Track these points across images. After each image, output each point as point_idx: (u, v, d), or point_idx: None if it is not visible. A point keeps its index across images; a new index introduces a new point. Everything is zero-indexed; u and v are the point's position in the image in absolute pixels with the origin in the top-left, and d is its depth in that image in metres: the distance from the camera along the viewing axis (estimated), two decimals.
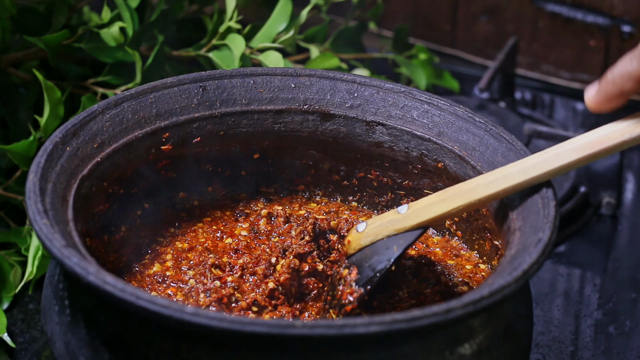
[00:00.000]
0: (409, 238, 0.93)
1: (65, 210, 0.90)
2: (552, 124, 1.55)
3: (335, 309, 0.93)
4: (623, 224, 1.39)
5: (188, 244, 1.03)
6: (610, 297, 1.26)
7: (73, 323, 0.87)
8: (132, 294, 0.79)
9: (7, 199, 1.24)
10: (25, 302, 1.19)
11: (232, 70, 1.07)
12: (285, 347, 0.79)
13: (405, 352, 0.82)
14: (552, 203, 0.91)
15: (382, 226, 0.94)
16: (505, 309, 0.89)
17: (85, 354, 0.86)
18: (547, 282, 1.29)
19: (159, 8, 1.30)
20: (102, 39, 1.26)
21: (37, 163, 0.91)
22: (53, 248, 0.83)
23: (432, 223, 0.93)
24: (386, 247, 0.94)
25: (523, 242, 0.89)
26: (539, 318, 1.22)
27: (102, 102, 1.01)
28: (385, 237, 0.94)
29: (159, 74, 1.25)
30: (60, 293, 0.90)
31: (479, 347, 0.85)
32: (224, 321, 0.77)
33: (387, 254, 0.93)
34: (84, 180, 0.95)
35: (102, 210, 1.01)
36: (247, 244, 1.02)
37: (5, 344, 1.14)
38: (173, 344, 0.81)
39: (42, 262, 1.16)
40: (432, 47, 1.70)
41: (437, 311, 0.79)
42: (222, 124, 1.06)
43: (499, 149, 0.99)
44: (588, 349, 1.18)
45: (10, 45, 1.32)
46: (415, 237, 0.93)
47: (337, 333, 0.77)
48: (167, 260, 1.01)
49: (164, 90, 1.04)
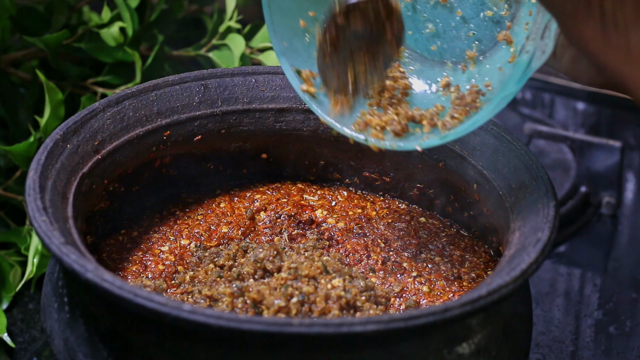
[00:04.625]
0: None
1: (65, 207, 0.90)
2: (552, 124, 1.55)
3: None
4: (623, 224, 1.39)
5: (188, 240, 1.03)
6: (611, 297, 1.26)
7: (72, 320, 0.87)
8: (130, 291, 0.79)
9: (7, 199, 1.24)
10: (25, 302, 1.19)
11: (233, 69, 1.07)
12: (282, 345, 0.79)
13: (403, 351, 0.82)
14: (552, 203, 0.91)
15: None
16: (504, 308, 0.88)
17: (83, 351, 0.86)
18: (548, 282, 1.29)
19: (159, 8, 1.30)
20: (102, 39, 1.26)
21: (38, 160, 0.91)
22: (52, 245, 0.83)
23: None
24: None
25: (522, 241, 0.89)
26: (539, 318, 1.22)
27: (103, 100, 1.01)
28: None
29: (159, 74, 1.26)
30: (59, 290, 0.90)
31: (477, 347, 0.85)
32: (221, 319, 0.77)
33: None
34: (84, 177, 0.95)
35: (102, 208, 1.01)
36: (244, 232, 1.03)
37: (5, 344, 1.14)
38: (171, 341, 0.81)
39: (42, 261, 1.16)
40: None
41: (434, 310, 0.79)
42: (223, 122, 1.06)
43: (499, 149, 0.99)
44: (588, 349, 1.18)
45: (10, 45, 1.32)
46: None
47: (335, 332, 0.77)
48: (168, 258, 1.01)
49: (166, 88, 1.04)
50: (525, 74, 0.86)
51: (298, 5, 0.98)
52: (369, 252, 1.02)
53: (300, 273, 0.91)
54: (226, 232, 1.04)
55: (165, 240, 1.03)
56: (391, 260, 1.01)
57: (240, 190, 1.10)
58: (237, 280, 0.94)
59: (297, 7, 0.98)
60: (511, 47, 0.93)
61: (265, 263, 0.94)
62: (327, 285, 0.91)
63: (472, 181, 1.02)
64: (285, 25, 0.97)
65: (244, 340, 0.80)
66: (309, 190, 1.11)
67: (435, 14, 1.00)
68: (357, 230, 1.05)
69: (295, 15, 0.98)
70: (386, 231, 1.05)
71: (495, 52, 0.96)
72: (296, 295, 0.89)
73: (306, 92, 0.97)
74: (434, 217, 1.08)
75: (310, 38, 0.98)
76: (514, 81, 0.87)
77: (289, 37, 0.97)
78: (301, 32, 0.98)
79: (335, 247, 1.03)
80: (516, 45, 0.93)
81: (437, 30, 0.99)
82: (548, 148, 1.49)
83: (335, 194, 1.11)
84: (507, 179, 0.97)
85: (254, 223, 1.05)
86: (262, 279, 0.94)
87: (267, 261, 0.94)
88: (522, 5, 0.94)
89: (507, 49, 0.94)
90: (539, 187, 0.93)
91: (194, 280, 0.96)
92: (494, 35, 0.96)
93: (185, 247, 1.02)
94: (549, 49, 0.85)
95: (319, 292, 0.89)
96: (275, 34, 0.97)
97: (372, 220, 1.06)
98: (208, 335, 0.80)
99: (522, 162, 0.97)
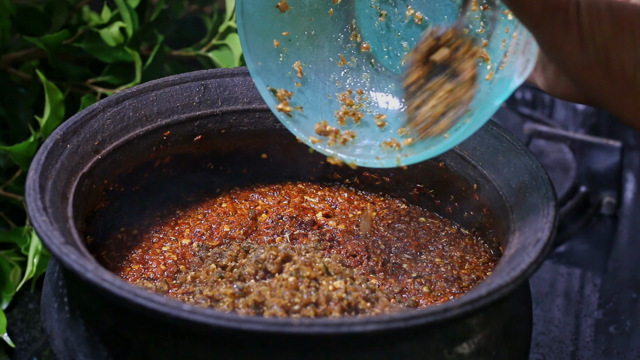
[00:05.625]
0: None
1: (65, 207, 0.90)
2: (552, 124, 1.55)
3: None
4: (623, 224, 1.39)
5: (189, 239, 1.03)
6: (611, 297, 1.26)
7: (72, 320, 0.87)
8: (130, 291, 0.79)
9: (7, 199, 1.24)
10: (25, 302, 1.19)
11: (233, 69, 1.07)
12: (282, 345, 0.79)
13: (403, 351, 0.82)
14: (552, 203, 0.91)
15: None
16: (504, 308, 0.88)
17: (83, 351, 0.86)
18: (548, 282, 1.29)
19: (159, 8, 1.30)
20: (102, 39, 1.26)
21: (38, 160, 0.91)
22: (52, 245, 0.83)
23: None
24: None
25: (522, 241, 0.89)
26: (539, 318, 1.22)
27: (103, 100, 1.01)
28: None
29: (159, 74, 1.26)
30: (59, 290, 0.90)
31: (477, 347, 0.85)
32: (221, 319, 0.77)
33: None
34: (84, 177, 0.95)
35: (102, 208, 1.01)
36: (246, 232, 1.03)
37: (5, 344, 1.14)
38: (171, 341, 0.81)
39: (42, 261, 1.16)
40: None
41: (434, 310, 0.79)
42: (223, 122, 1.06)
43: (499, 149, 0.99)
44: (588, 349, 1.18)
45: (10, 45, 1.32)
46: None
47: (335, 332, 0.77)
48: (170, 257, 1.01)
49: (165, 88, 1.04)
50: (506, 90, 0.86)
51: (272, 25, 0.99)
52: (369, 254, 1.02)
53: (302, 274, 0.91)
54: (228, 231, 1.04)
55: (166, 239, 1.03)
56: (391, 262, 1.01)
57: (241, 191, 1.10)
58: (238, 280, 0.94)
59: (271, 27, 0.99)
60: (487, 64, 0.94)
61: (267, 264, 0.94)
62: (328, 287, 0.91)
63: (472, 181, 1.02)
64: (260, 45, 0.98)
65: (244, 340, 0.80)
66: (309, 190, 1.11)
67: (409, 33, 1.00)
68: (357, 231, 1.05)
69: (270, 36, 0.99)
70: (386, 232, 1.05)
71: None
72: (297, 297, 0.89)
73: (282, 110, 0.98)
74: (434, 217, 1.08)
75: (284, 57, 0.99)
76: (495, 98, 0.87)
77: (263, 56, 0.99)
78: (275, 51, 0.99)
79: (336, 247, 1.03)
80: (492, 62, 0.93)
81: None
82: (548, 148, 1.49)
83: (335, 195, 1.11)
84: (507, 179, 0.97)
85: (256, 223, 1.05)
86: (263, 279, 0.94)
87: (269, 262, 0.94)
88: (498, 23, 0.94)
89: (483, 66, 0.94)
90: (539, 187, 0.93)
91: (195, 280, 0.96)
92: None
93: (186, 247, 1.02)
94: (530, 64, 0.85)
95: (320, 294, 0.89)
96: (249, 54, 0.98)
97: (372, 221, 1.06)
98: (208, 335, 0.80)
99: (522, 162, 0.97)
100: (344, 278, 0.92)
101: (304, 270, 0.92)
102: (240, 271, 0.95)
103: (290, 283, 0.91)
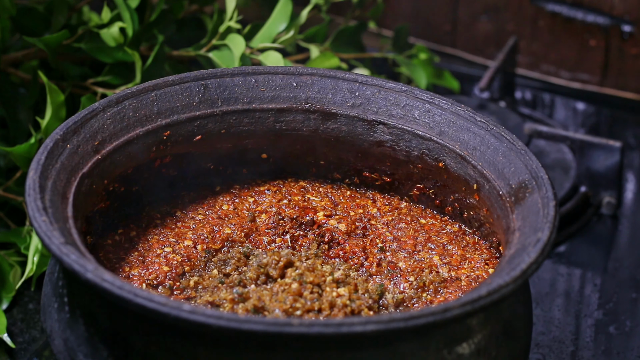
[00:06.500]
0: None
1: (65, 207, 0.90)
2: (552, 124, 1.55)
3: None
4: (623, 224, 1.39)
5: (191, 241, 1.03)
6: (611, 297, 1.26)
7: (72, 320, 0.87)
8: (130, 291, 0.79)
9: (6, 200, 1.24)
10: (25, 302, 1.19)
11: (233, 69, 1.07)
12: (282, 345, 0.79)
13: (403, 351, 0.82)
14: (552, 203, 0.91)
15: None
16: (504, 308, 0.88)
17: (83, 351, 0.86)
18: (548, 282, 1.29)
19: (159, 8, 1.30)
20: (102, 39, 1.26)
21: (38, 160, 0.91)
22: (52, 245, 0.83)
23: None
24: None
25: (522, 242, 0.89)
26: (539, 318, 1.22)
27: (103, 100, 1.01)
28: None
29: (159, 74, 1.25)
30: (59, 290, 0.90)
31: (477, 347, 0.85)
32: (221, 319, 0.77)
33: None
34: (84, 177, 0.95)
35: (102, 208, 1.01)
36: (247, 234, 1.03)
37: (5, 344, 1.14)
38: (171, 341, 0.81)
39: (42, 259, 1.16)
40: (432, 46, 1.70)
41: (434, 310, 0.79)
42: (223, 122, 1.06)
43: (499, 149, 0.99)
44: (588, 349, 1.18)
45: (10, 45, 1.32)
46: None
47: (335, 332, 0.77)
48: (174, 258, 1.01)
49: (165, 88, 1.04)
50: None
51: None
52: (368, 254, 1.02)
53: (305, 280, 0.91)
54: (229, 233, 1.04)
55: (166, 241, 1.03)
56: (391, 262, 1.01)
57: (241, 191, 1.10)
58: (238, 286, 0.94)
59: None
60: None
61: (269, 269, 0.94)
62: (332, 293, 0.91)
63: (472, 181, 1.02)
64: None
65: (244, 340, 0.80)
66: (311, 189, 1.11)
67: None
68: (358, 231, 1.05)
69: None
70: (386, 232, 1.05)
71: None
72: (300, 302, 0.89)
73: None
74: (434, 217, 1.08)
75: None
76: None
77: None
78: None
79: (337, 248, 1.03)
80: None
81: None
82: (548, 148, 1.49)
83: (337, 192, 1.11)
84: (507, 179, 0.97)
85: (256, 224, 1.05)
86: (264, 284, 0.94)
87: (271, 267, 0.95)
88: None
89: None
90: (539, 187, 0.93)
91: (197, 286, 0.96)
92: None
93: (188, 248, 1.02)
94: None
95: (324, 300, 0.89)
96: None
97: (374, 220, 1.06)
98: (208, 335, 0.80)
99: (522, 162, 0.97)
100: (348, 285, 0.92)
101: (307, 275, 0.92)
102: (241, 277, 0.95)
103: (294, 289, 0.91)
